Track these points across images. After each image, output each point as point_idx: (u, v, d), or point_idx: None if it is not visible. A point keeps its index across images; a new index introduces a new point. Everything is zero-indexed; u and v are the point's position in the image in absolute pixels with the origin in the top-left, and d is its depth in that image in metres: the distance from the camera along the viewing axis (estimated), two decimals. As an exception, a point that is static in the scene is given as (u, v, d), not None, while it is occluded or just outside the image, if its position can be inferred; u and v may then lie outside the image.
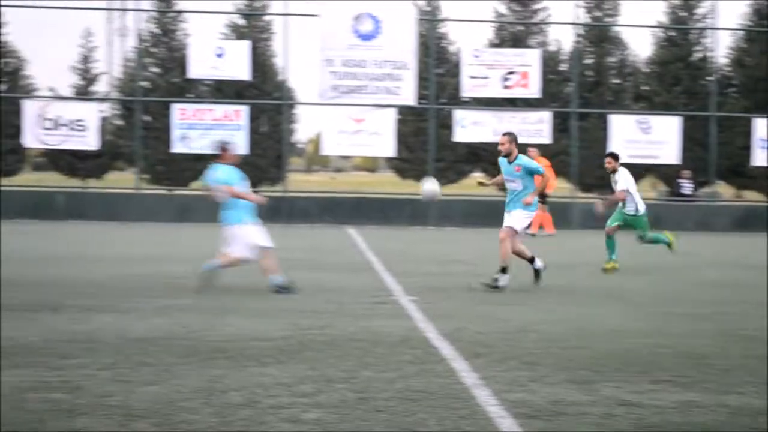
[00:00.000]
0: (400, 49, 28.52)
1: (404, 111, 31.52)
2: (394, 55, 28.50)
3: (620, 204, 16.07)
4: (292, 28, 29.94)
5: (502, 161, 13.41)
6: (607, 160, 16.31)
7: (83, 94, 34.31)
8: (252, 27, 34.19)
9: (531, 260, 13.47)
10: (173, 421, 5.93)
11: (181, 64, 31.79)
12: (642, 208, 16.08)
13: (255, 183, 32.92)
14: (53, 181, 34.63)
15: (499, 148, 13.30)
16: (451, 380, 7.20)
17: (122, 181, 34.48)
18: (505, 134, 13.46)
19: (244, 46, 30.03)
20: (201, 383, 6.94)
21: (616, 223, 15.95)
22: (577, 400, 6.67)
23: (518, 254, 13.33)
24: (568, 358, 8.16)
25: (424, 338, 9.05)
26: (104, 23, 34.19)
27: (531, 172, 13.22)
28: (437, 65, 31.99)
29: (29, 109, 29.07)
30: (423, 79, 29.91)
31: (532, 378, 7.30)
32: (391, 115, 29.18)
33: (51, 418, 5.98)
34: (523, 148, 15.17)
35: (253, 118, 30.39)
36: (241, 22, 34.39)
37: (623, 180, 15.92)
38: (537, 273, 13.50)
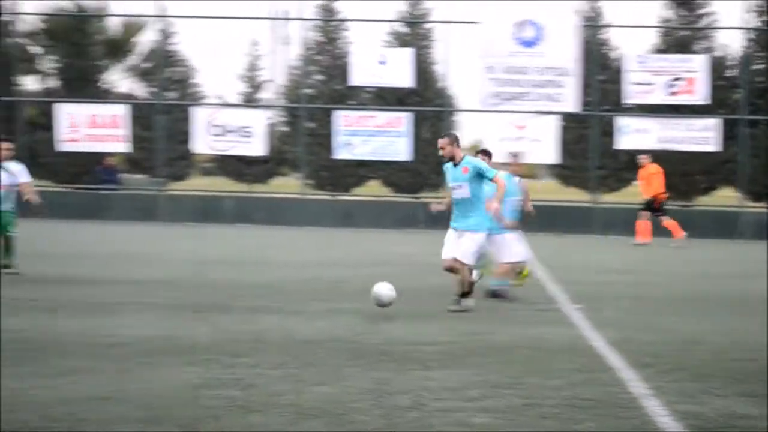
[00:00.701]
0: (562, 55, 28.23)
1: (566, 118, 31.20)
2: (555, 62, 28.24)
3: None
4: (454, 35, 30.00)
5: (447, 167, 11.62)
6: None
7: (250, 101, 35.10)
8: (414, 34, 34.39)
9: (466, 294, 11.39)
10: (343, 421, 6.03)
11: (344, 71, 32.22)
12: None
13: (416, 189, 33.20)
14: (221, 185, 35.53)
15: (440, 153, 11.59)
16: (619, 389, 7.12)
17: (287, 186, 35.09)
18: (443, 136, 11.75)
19: (407, 54, 30.23)
20: (368, 385, 7.04)
21: None
22: (748, 413, 6.52)
23: (457, 275, 11.44)
24: (738, 370, 7.97)
25: (590, 347, 8.97)
26: (269, 33, 34.80)
27: (480, 175, 11.45)
28: (600, 71, 31.56)
29: (198, 116, 29.92)
30: (585, 86, 29.57)
31: (702, 390, 7.16)
32: (553, 122, 28.96)
33: (225, 414, 6.16)
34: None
35: (415, 125, 30.55)
36: (404, 29, 34.64)
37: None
38: (459, 305, 11.32)
